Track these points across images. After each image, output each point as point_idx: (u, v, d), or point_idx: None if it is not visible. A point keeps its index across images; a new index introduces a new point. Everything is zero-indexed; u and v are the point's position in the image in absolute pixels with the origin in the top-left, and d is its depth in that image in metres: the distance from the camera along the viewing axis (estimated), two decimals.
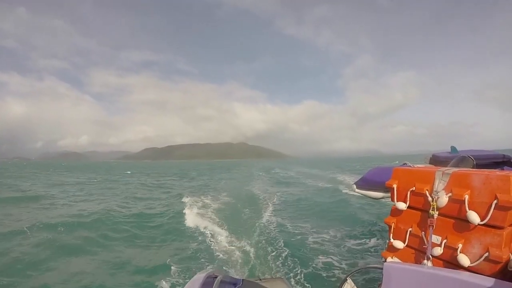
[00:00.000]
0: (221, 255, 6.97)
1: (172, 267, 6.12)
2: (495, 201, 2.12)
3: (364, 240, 7.60)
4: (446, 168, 2.59)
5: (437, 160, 4.63)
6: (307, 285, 5.21)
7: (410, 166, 4.18)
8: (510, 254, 2.18)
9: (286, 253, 6.86)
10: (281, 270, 5.98)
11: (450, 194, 2.38)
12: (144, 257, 6.93)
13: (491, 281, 2.03)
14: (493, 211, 2.13)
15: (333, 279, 5.35)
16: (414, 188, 2.68)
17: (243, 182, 27.00)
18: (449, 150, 5.04)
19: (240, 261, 6.59)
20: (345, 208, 12.00)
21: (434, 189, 2.50)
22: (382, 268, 2.30)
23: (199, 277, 2.13)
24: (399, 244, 2.83)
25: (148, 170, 60.81)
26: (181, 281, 5.53)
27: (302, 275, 5.60)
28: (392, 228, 2.94)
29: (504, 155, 5.94)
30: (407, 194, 2.75)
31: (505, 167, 5.91)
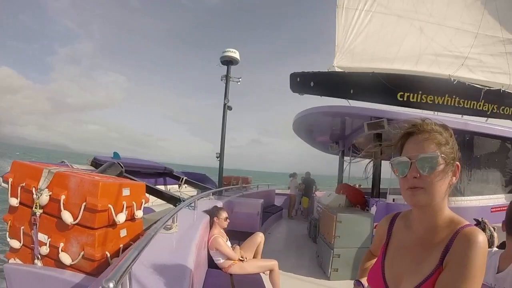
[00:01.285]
0: None
1: None
2: (85, 204, 2.26)
3: None
4: (54, 167, 2.59)
5: (97, 163, 4.99)
6: None
7: (68, 165, 4.16)
8: (107, 253, 2.41)
9: None
10: None
11: (51, 193, 2.41)
12: None
13: (80, 277, 2.24)
14: (83, 212, 2.28)
15: None
16: (24, 184, 2.56)
17: None
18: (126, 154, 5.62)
19: None
20: None
21: (39, 187, 2.46)
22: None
23: None
24: (16, 243, 2.65)
25: None
26: None
27: None
28: (9, 226, 2.71)
29: (165, 167, 7.29)
30: (18, 190, 2.59)
31: (168, 178, 7.30)
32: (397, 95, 6.31)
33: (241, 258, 3.67)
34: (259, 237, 4.08)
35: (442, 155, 0.93)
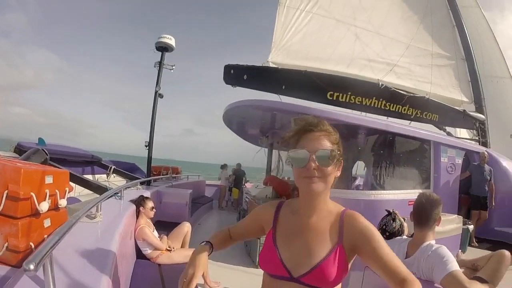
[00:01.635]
0: None
1: None
2: (6, 192, 2.28)
3: None
4: None
5: (21, 150, 4.93)
6: None
7: None
8: (32, 244, 2.41)
9: None
10: None
11: None
12: None
13: (5, 269, 2.19)
14: (5, 201, 2.27)
15: None
16: None
17: None
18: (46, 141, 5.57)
19: None
20: None
21: None
22: None
23: None
24: None
25: None
26: None
27: None
28: None
29: (93, 155, 7.28)
30: None
31: (96, 167, 7.28)
32: (327, 94, 6.82)
33: (168, 248, 3.83)
34: (186, 227, 4.31)
35: (338, 151, 1.13)
